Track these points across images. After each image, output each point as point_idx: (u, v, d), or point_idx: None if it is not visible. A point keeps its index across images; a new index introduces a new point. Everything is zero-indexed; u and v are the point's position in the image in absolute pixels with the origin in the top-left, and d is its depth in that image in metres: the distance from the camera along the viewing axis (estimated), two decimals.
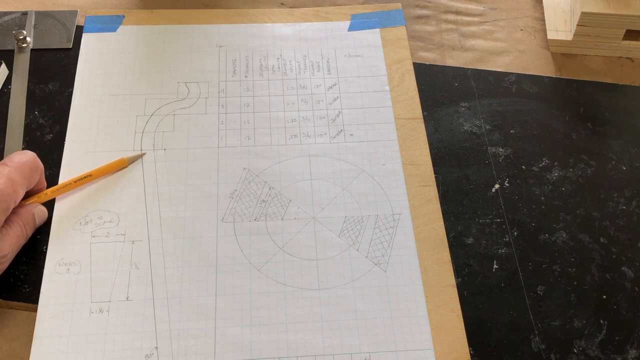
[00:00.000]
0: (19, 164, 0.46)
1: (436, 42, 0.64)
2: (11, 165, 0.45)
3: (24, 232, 0.46)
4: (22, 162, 0.46)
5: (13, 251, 0.45)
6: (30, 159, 0.47)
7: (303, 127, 0.57)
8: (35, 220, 0.48)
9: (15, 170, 0.45)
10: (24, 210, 0.47)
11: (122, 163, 0.52)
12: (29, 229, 0.47)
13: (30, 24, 0.61)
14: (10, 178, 0.44)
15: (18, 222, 0.46)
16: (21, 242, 0.46)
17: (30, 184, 0.47)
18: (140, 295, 0.47)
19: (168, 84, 0.58)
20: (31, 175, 0.46)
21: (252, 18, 0.63)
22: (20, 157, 0.46)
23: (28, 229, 0.47)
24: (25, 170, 0.46)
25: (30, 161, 0.47)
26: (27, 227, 0.47)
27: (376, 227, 0.51)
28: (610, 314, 0.48)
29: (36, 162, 0.47)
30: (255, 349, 0.45)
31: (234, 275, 0.48)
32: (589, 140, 0.58)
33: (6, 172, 0.44)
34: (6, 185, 0.44)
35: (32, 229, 0.48)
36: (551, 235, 0.52)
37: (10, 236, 0.45)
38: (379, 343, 0.46)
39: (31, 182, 0.47)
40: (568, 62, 0.64)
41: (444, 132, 0.57)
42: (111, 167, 0.52)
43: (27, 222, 0.47)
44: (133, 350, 0.45)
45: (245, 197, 0.52)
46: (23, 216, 0.46)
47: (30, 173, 0.46)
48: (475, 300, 0.48)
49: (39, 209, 0.48)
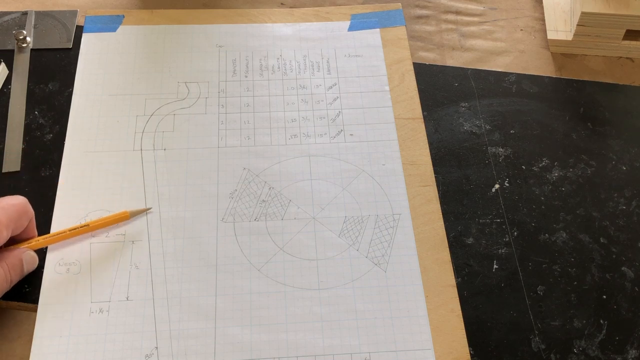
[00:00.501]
0: (7, 205, 0.43)
1: (436, 42, 0.64)
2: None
3: (7, 277, 0.44)
4: (11, 204, 0.44)
5: None
6: (20, 202, 0.44)
7: (303, 127, 0.57)
8: (23, 266, 0.45)
9: (1, 210, 0.43)
10: (10, 254, 0.44)
11: (124, 216, 0.50)
12: (15, 274, 0.44)
13: (30, 24, 0.61)
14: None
15: (2, 265, 0.43)
16: (4, 287, 0.43)
17: (17, 228, 0.44)
18: (140, 295, 0.47)
19: (168, 84, 0.58)
20: (19, 218, 0.44)
21: (252, 18, 0.63)
22: (10, 200, 0.44)
23: (13, 274, 0.44)
24: (12, 212, 0.43)
25: (20, 204, 0.44)
26: (12, 272, 0.44)
27: (376, 227, 0.51)
28: (610, 314, 0.48)
29: (26, 207, 0.45)
30: (255, 349, 0.45)
31: (234, 275, 0.48)
32: (589, 140, 0.58)
33: None
34: None
35: (18, 275, 0.45)
36: (551, 235, 0.52)
37: None
38: (379, 343, 0.46)
39: (18, 226, 0.44)
40: (568, 62, 0.64)
41: (444, 132, 0.57)
42: (111, 219, 0.49)
43: (13, 267, 0.44)
44: (133, 350, 0.45)
45: (245, 197, 0.52)
46: (8, 260, 0.44)
47: (18, 216, 0.44)
48: (475, 300, 0.48)
49: (28, 254, 0.46)
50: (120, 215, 0.49)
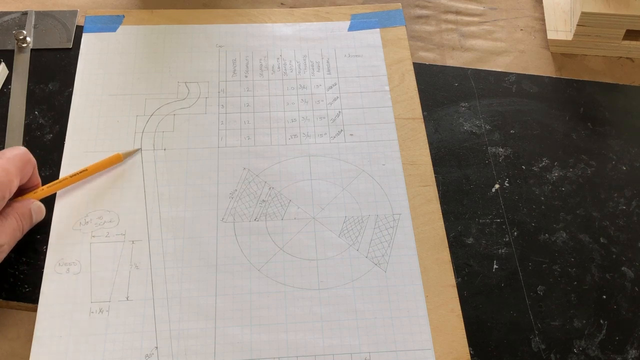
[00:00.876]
0: (12, 156, 0.45)
1: (436, 42, 0.64)
2: (3, 157, 0.45)
3: (19, 225, 0.46)
4: (15, 154, 0.46)
5: (9, 243, 0.45)
6: (22, 152, 0.46)
7: (303, 127, 0.57)
8: (32, 215, 0.47)
9: (8, 161, 0.45)
10: (20, 204, 0.46)
11: (118, 158, 0.52)
12: (26, 223, 0.47)
13: (30, 24, 0.61)
14: (4, 168, 0.44)
15: (14, 214, 0.46)
16: (17, 236, 0.46)
17: (23, 177, 0.47)
18: (140, 295, 0.47)
19: (168, 84, 0.58)
20: (24, 167, 0.46)
21: (252, 18, 0.63)
22: (12, 150, 0.46)
23: (24, 223, 0.46)
24: (17, 162, 0.45)
25: (22, 154, 0.46)
26: (23, 221, 0.46)
27: (376, 227, 0.51)
28: (610, 314, 0.48)
29: (28, 155, 0.47)
30: (255, 349, 0.45)
31: (234, 275, 0.48)
32: (589, 140, 0.58)
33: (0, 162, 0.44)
34: (1, 174, 0.43)
35: (28, 224, 0.47)
36: (551, 235, 0.52)
37: (6, 227, 0.45)
38: (379, 343, 0.46)
39: (24, 174, 0.46)
40: (568, 62, 0.64)
41: (444, 132, 0.57)
42: (106, 162, 0.52)
43: (24, 216, 0.46)
44: (133, 350, 0.45)
45: (245, 197, 0.52)
46: (19, 209, 0.46)
47: (23, 165, 0.46)
48: (475, 300, 0.48)
49: (35, 204, 0.48)
50: (114, 157, 0.52)
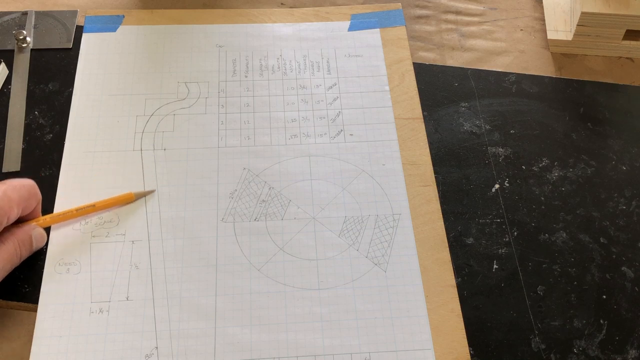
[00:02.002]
0: (18, 185, 0.45)
1: (436, 42, 0.64)
2: (9, 184, 0.44)
3: (17, 251, 0.45)
4: (22, 184, 0.45)
5: (4, 268, 0.44)
6: (30, 184, 0.46)
7: (303, 127, 0.57)
8: (33, 242, 0.46)
9: (12, 189, 0.44)
10: (20, 230, 0.46)
11: (129, 197, 0.51)
12: (24, 250, 0.46)
13: (30, 24, 0.61)
14: (6, 194, 0.43)
15: (12, 240, 0.45)
16: (14, 262, 0.45)
17: (25, 209, 0.46)
18: (140, 295, 0.47)
19: (168, 84, 0.58)
20: (28, 198, 0.45)
21: (252, 18, 0.63)
22: (20, 180, 0.46)
23: (23, 250, 0.45)
24: (23, 192, 0.45)
25: (30, 186, 0.46)
26: (22, 248, 0.45)
27: (376, 227, 0.51)
28: (610, 314, 0.48)
29: (35, 189, 0.46)
30: (255, 349, 0.45)
31: (234, 275, 0.48)
32: (589, 140, 0.58)
33: (3, 188, 0.43)
34: (1, 199, 0.43)
35: (28, 251, 0.46)
36: (551, 235, 0.52)
37: (2, 252, 0.44)
38: (379, 343, 0.46)
39: (27, 205, 0.46)
40: (568, 62, 0.64)
41: (444, 132, 0.57)
42: (117, 200, 0.50)
43: (23, 242, 0.45)
44: (133, 350, 0.45)
45: (245, 197, 0.52)
46: (18, 236, 0.45)
47: (28, 196, 0.45)
48: (475, 300, 0.48)
49: (37, 231, 0.47)
50: (125, 197, 0.50)
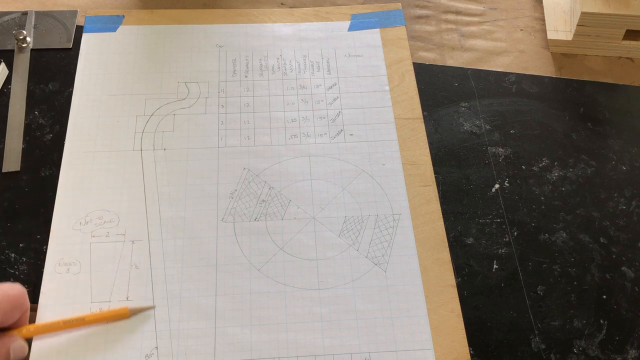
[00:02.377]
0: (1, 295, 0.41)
1: (436, 42, 0.64)
2: None
3: None
4: (6, 295, 0.42)
5: None
6: (17, 294, 0.42)
7: (303, 127, 0.57)
8: (10, 355, 0.42)
9: None
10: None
11: (123, 313, 0.46)
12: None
13: (30, 24, 0.61)
14: None
15: None
16: None
17: (5, 320, 0.42)
18: (140, 295, 0.47)
19: (168, 84, 0.58)
20: (10, 311, 0.42)
21: (252, 18, 0.63)
22: (6, 289, 0.42)
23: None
24: (5, 304, 0.41)
25: (16, 296, 0.42)
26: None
27: (376, 227, 0.51)
28: (610, 314, 0.48)
29: (21, 300, 0.43)
30: (255, 349, 0.45)
31: (234, 275, 0.48)
32: (589, 140, 0.58)
33: None
34: None
35: None
36: (551, 235, 0.52)
37: None
38: (379, 343, 0.46)
39: (7, 318, 0.42)
40: (568, 62, 0.64)
41: (444, 132, 0.57)
42: (109, 315, 0.46)
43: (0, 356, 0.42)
44: (133, 350, 0.45)
45: (245, 197, 0.52)
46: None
47: (10, 309, 0.42)
48: (475, 300, 0.48)
49: (17, 343, 0.43)
50: (119, 312, 0.45)
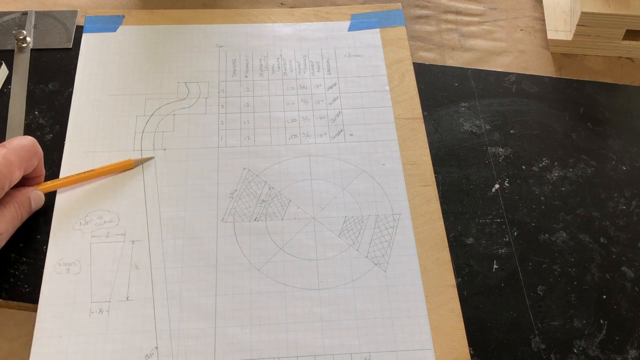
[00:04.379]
0: (18, 147, 0.45)
1: (436, 42, 0.64)
2: (9, 147, 0.45)
3: (18, 213, 0.46)
4: (21, 145, 0.46)
5: (8, 231, 0.45)
6: (30, 142, 0.46)
7: (303, 127, 0.57)
8: (32, 203, 0.47)
9: (12, 152, 0.45)
10: (19, 192, 0.47)
11: (129, 164, 0.52)
12: (24, 211, 0.47)
13: (30, 24, 0.61)
14: (7, 158, 0.44)
15: (13, 203, 0.46)
16: (16, 224, 0.46)
17: (28, 168, 0.46)
18: (140, 295, 0.47)
19: (168, 84, 0.58)
20: (30, 158, 0.46)
21: (252, 18, 0.63)
22: (20, 141, 0.46)
23: (23, 211, 0.47)
24: (23, 153, 0.45)
25: (30, 145, 0.46)
26: (22, 210, 0.46)
27: (376, 227, 0.51)
28: (610, 314, 0.48)
29: (35, 147, 0.47)
30: (255, 349, 0.45)
31: (234, 275, 0.48)
32: (589, 140, 0.58)
33: (3, 152, 0.44)
34: (2, 165, 0.43)
35: (27, 212, 0.47)
36: (551, 235, 0.52)
37: (5, 216, 0.45)
38: (379, 343, 0.46)
39: (29, 165, 0.46)
40: (568, 62, 0.64)
41: (444, 132, 0.57)
42: (116, 167, 0.52)
43: (22, 204, 0.46)
44: (133, 350, 0.45)
45: (245, 197, 0.52)
46: (18, 198, 0.46)
47: (29, 156, 0.46)
48: (475, 300, 0.48)
49: (35, 193, 0.48)
50: (125, 163, 0.52)
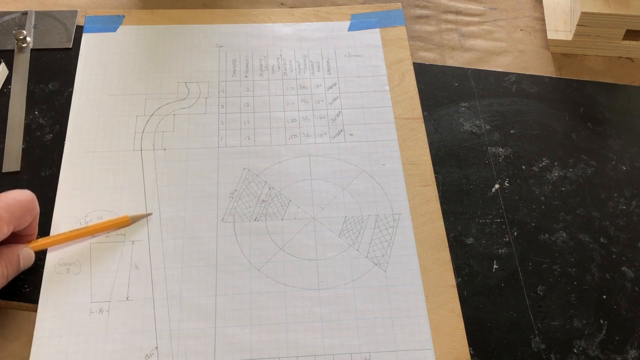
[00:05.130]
0: (12, 201, 0.43)
1: (436, 42, 0.64)
2: (3, 200, 0.43)
3: (4, 272, 0.44)
4: (16, 200, 0.44)
5: None
6: (27, 199, 0.44)
7: (303, 127, 0.57)
8: (20, 262, 0.45)
9: (5, 206, 0.43)
10: (8, 250, 0.44)
11: (124, 221, 0.50)
12: (12, 270, 0.44)
13: (30, 24, 0.61)
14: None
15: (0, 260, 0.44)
16: (2, 282, 0.44)
17: (19, 225, 0.44)
18: (140, 295, 0.47)
19: (168, 84, 0.58)
20: (22, 215, 0.44)
21: (252, 18, 0.63)
22: (16, 195, 0.44)
23: (10, 270, 0.44)
24: (16, 208, 0.43)
25: (26, 201, 0.44)
26: (9, 268, 0.44)
27: (376, 227, 0.51)
28: (610, 314, 0.48)
29: (31, 204, 0.45)
30: (255, 349, 0.45)
31: (234, 275, 0.48)
32: (589, 140, 0.58)
33: None
34: None
35: (15, 271, 0.45)
36: (551, 235, 0.52)
37: None
38: (379, 343, 0.46)
39: (21, 222, 0.44)
40: (568, 62, 0.64)
41: (444, 132, 0.57)
42: (111, 224, 0.49)
43: (10, 262, 0.44)
44: (133, 350, 0.45)
45: (245, 197, 0.52)
46: (6, 256, 0.44)
47: (22, 213, 0.44)
48: (475, 300, 0.48)
49: (25, 251, 0.45)
50: (121, 220, 0.49)
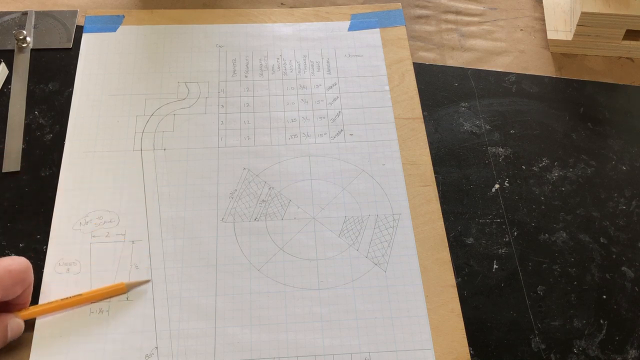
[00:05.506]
0: (3, 270, 0.41)
1: (436, 42, 0.64)
2: None
3: None
4: (9, 269, 0.42)
5: None
6: (20, 268, 0.43)
7: (303, 127, 0.57)
8: (8, 332, 0.43)
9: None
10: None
11: (121, 288, 0.47)
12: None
13: (30, 24, 0.61)
14: None
15: None
16: None
17: (7, 296, 0.42)
18: (140, 295, 0.47)
19: (168, 84, 0.58)
20: (12, 285, 0.42)
21: (252, 18, 0.63)
22: (9, 263, 0.42)
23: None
24: (6, 279, 0.41)
25: (19, 270, 0.42)
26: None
27: (376, 227, 0.51)
28: (610, 314, 0.48)
29: (24, 274, 0.43)
30: (255, 349, 0.45)
31: (234, 275, 0.48)
32: (589, 140, 0.58)
33: None
34: None
35: (1, 342, 0.42)
36: (551, 235, 0.52)
37: None
38: (379, 343, 0.46)
39: (9, 293, 0.42)
40: (568, 62, 0.64)
41: (444, 132, 0.57)
42: (107, 291, 0.47)
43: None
44: (133, 350, 0.45)
45: (245, 197, 0.52)
46: None
47: (12, 283, 0.42)
48: (475, 300, 0.48)
49: (14, 321, 0.43)
50: (116, 287, 0.47)
